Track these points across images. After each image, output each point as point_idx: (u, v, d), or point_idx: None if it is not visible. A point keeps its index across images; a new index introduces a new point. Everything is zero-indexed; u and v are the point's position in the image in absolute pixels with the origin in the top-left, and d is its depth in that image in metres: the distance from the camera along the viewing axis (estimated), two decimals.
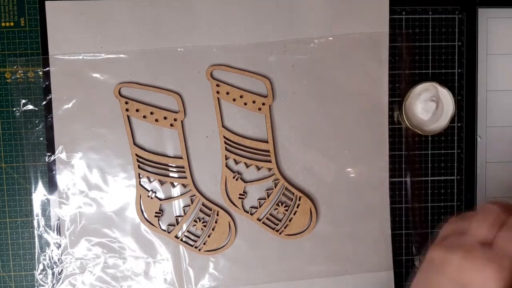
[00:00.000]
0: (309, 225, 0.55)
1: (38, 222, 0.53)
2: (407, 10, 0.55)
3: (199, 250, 0.54)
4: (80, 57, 0.52)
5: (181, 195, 0.54)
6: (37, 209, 0.53)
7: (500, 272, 0.33)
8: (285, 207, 0.55)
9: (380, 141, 0.55)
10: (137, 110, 0.53)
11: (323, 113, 0.55)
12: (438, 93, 0.54)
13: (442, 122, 0.55)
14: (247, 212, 0.55)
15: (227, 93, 0.53)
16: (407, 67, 0.55)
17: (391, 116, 0.55)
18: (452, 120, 0.55)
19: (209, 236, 0.54)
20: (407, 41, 0.55)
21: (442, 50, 0.56)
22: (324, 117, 0.55)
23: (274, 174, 0.55)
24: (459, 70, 0.56)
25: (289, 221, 0.55)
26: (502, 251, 0.34)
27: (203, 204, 0.54)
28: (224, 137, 0.54)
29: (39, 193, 0.53)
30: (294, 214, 0.55)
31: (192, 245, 0.54)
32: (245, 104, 0.54)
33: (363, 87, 0.55)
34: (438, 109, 0.54)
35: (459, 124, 0.57)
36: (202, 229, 0.54)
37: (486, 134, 0.56)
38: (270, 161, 0.54)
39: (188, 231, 0.54)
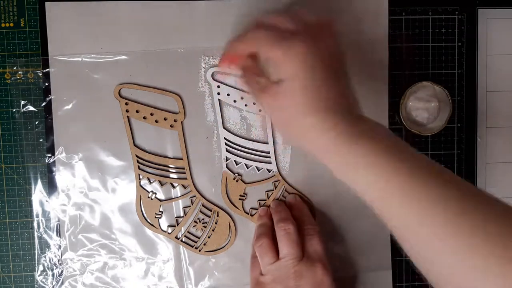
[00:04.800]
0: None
1: (38, 223, 0.53)
2: (407, 10, 0.55)
3: (199, 250, 0.54)
4: (80, 58, 0.52)
5: (181, 196, 0.54)
6: (37, 210, 0.53)
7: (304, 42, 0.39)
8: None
9: None
10: (137, 111, 0.53)
11: None
12: (434, 92, 0.54)
13: (440, 121, 0.55)
14: (248, 213, 0.55)
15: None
16: (407, 68, 0.55)
17: (391, 117, 0.55)
18: (451, 121, 0.55)
19: (209, 237, 0.54)
20: (407, 42, 0.55)
21: (442, 50, 0.56)
22: None
23: (274, 175, 0.55)
24: (459, 71, 0.56)
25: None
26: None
27: (203, 205, 0.54)
28: (225, 138, 0.54)
29: (38, 194, 0.53)
30: None
31: (192, 246, 0.54)
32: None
33: (363, 88, 0.55)
34: (435, 109, 0.54)
35: (459, 125, 0.57)
36: (202, 229, 0.54)
37: (486, 135, 0.56)
38: (270, 162, 0.54)
39: (188, 232, 0.54)
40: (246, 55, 0.44)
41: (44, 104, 0.53)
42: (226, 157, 0.54)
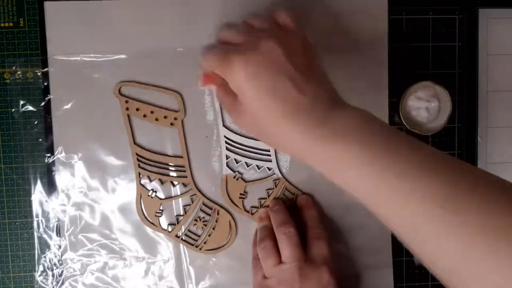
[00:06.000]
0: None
1: (37, 223, 0.53)
2: (407, 10, 0.55)
3: (200, 249, 0.54)
4: (79, 58, 0.52)
5: (181, 194, 0.54)
6: (36, 210, 0.53)
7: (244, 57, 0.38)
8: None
9: None
10: (137, 109, 0.53)
11: None
12: (434, 91, 0.54)
13: (440, 121, 0.55)
14: (248, 212, 0.55)
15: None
16: (407, 68, 0.55)
17: (391, 116, 0.55)
18: (451, 120, 0.55)
19: (209, 235, 0.54)
20: (407, 42, 0.55)
21: (442, 50, 0.56)
22: None
23: (274, 174, 0.55)
24: (460, 71, 0.56)
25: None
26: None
27: (203, 203, 0.54)
28: (225, 136, 0.54)
29: (38, 194, 0.53)
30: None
31: (192, 244, 0.54)
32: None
33: (363, 88, 0.55)
34: (435, 108, 0.54)
35: (459, 125, 0.57)
36: (202, 228, 0.54)
37: (487, 135, 0.56)
38: (270, 161, 0.54)
39: (188, 230, 0.54)
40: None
41: (43, 103, 0.52)
42: (226, 155, 0.54)
